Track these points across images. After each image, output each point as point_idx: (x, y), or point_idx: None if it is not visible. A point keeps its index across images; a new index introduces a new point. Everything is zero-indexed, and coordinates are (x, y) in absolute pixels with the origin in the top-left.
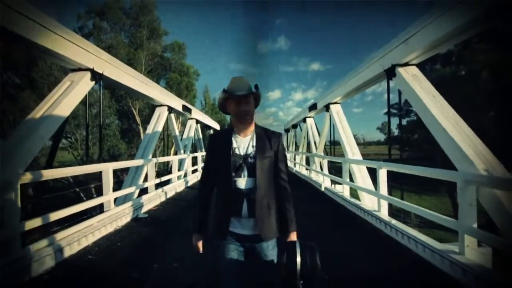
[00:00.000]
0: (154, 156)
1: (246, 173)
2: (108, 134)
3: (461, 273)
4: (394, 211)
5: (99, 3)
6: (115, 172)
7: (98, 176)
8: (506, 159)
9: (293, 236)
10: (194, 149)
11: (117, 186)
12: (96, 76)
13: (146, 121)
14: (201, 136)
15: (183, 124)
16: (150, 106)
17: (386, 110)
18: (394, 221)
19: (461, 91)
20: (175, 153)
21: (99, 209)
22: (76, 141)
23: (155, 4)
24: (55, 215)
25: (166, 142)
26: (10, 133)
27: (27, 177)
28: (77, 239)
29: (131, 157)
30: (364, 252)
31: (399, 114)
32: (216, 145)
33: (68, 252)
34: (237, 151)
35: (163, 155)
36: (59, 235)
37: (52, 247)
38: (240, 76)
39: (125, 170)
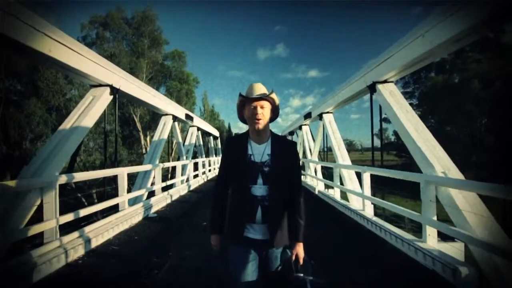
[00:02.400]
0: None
1: (261, 181)
2: (111, 141)
3: (423, 257)
4: (390, 217)
5: (102, 13)
6: (113, 178)
7: (99, 183)
8: (499, 163)
9: (299, 247)
10: (195, 155)
11: (115, 192)
12: (114, 91)
13: (146, 128)
14: (201, 142)
15: (182, 130)
16: (151, 113)
17: (383, 116)
18: (374, 218)
19: (454, 98)
20: (177, 159)
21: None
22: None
23: (157, 15)
24: (84, 212)
25: (167, 149)
26: (14, 139)
27: (63, 179)
28: (100, 233)
29: (131, 163)
30: (349, 244)
31: (384, 122)
32: (232, 150)
33: (94, 243)
34: (252, 158)
35: (163, 161)
36: (86, 229)
37: (82, 238)
38: (258, 83)
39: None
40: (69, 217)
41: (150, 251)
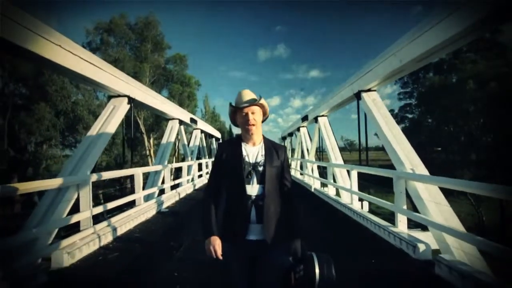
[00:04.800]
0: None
1: (255, 180)
2: (116, 143)
3: (393, 238)
4: (389, 216)
5: (105, 19)
6: (118, 179)
7: (104, 185)
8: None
9: (297, 243)
10: (198, 156)
11: (119, 193)
12: (130, 100)
13: (150, 130)
14: (204, 144)
15: (185, 132)
16: (154, 116)
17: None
18: (359, 210)
19: (451, 98)
20: (182, 160)
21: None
22: None
23: (159, 20)
24: (110, 205)
25: (172, 150)
26: (23, 142)
27: (94, 177)
28: (123, 223)
29: (135, 164)
30: (338, 232)
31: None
32: (226, 152)
33: (119, 231)
34: (246, 159)
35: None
36: (112, 220)
37: (110, 227)
38: (246, 90)
39: (127, 177)
40: (99, 209)
41: (167, 237)
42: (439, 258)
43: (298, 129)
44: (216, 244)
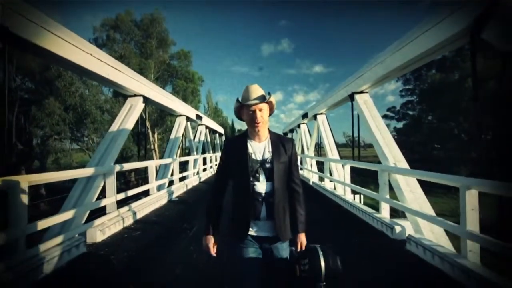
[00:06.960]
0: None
1: (263, 177)
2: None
3: (376, 223)
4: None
5: (111, 16)
6: (123, 173)
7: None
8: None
9: (302, 237)
10: (203, 151)
11: (125, 186)
12: (145, 99)
13: (154, 125)
14: (209, 139)
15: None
16: (158, 112)
17: (385, 112)
18: (351, 200)
19: (452, 96)
20: (188, 154)
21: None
22: (92, 142)
23: (164, 17)
24: (131, 192)
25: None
26: (28, 137)
27: (117, 168)
28: (141, 209)
29: (141, 158)
30: (332, 218)
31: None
32: (232, 150)
33: (138, 215)
34: (253, 156)
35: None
36: (132, 205)
37: (130, 211)
38: (254, 85)
39: (131, 171)
40: (121, 195)
41: (180, 221)
42: (410, 236)
43: (299, 126)
44: (210, 243)
